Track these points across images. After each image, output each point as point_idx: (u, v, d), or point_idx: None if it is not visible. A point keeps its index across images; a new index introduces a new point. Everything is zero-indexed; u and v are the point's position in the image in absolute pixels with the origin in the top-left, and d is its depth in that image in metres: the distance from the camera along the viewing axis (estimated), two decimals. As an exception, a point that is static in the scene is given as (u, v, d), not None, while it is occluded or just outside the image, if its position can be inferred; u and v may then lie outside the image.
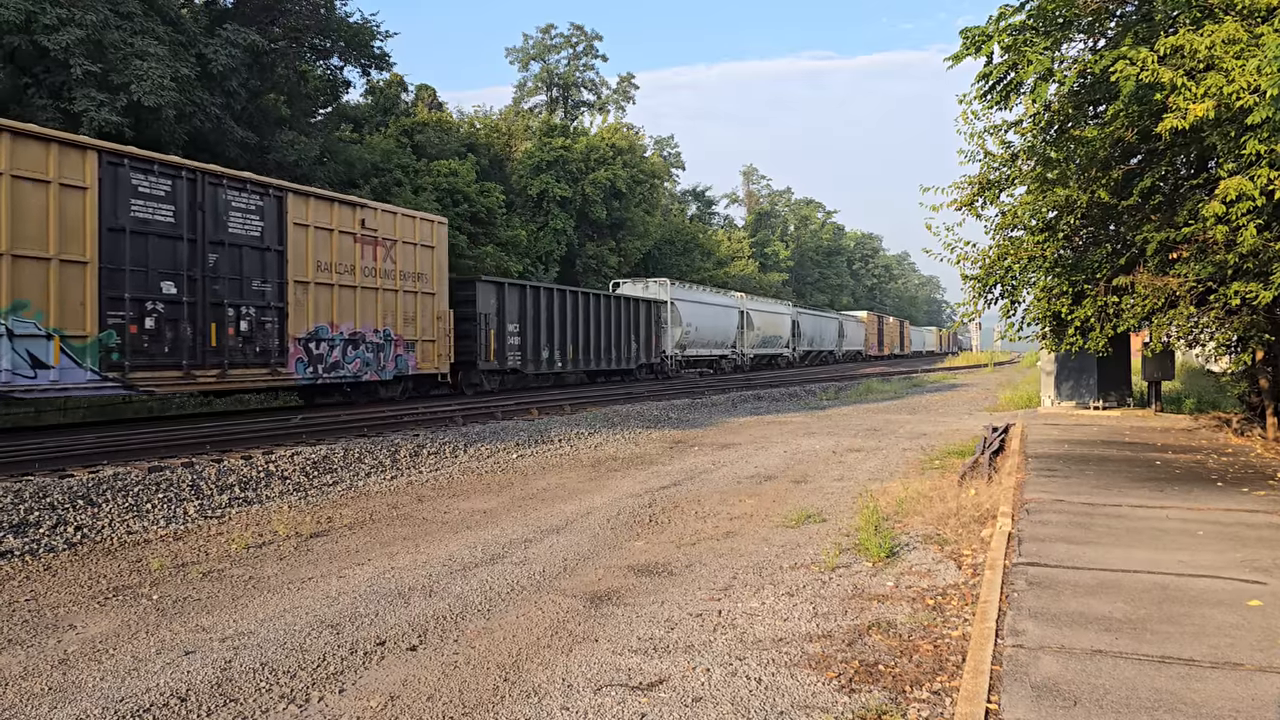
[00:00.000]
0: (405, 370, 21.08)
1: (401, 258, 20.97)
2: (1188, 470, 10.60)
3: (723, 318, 44.11)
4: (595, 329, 31.14)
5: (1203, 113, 7.21)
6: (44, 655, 5.51)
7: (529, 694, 4.81)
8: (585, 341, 30.46)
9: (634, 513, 9.77)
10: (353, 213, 19.57)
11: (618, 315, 33.05)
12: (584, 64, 70.97)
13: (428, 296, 21.99)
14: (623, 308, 33.51)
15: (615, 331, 32.72)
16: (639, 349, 34.76)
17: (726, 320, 44.55)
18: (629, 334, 33.83)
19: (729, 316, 45.03)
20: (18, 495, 9.59)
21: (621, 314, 33.42)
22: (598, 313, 31.50)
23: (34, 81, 23.12)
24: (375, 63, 35.10)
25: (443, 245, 22.84)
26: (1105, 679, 4.33)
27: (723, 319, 44.07)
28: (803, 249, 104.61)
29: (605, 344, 31.97)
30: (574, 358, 29.57)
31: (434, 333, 22.23)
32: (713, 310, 43.20)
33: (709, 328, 42.04)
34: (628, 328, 33.75)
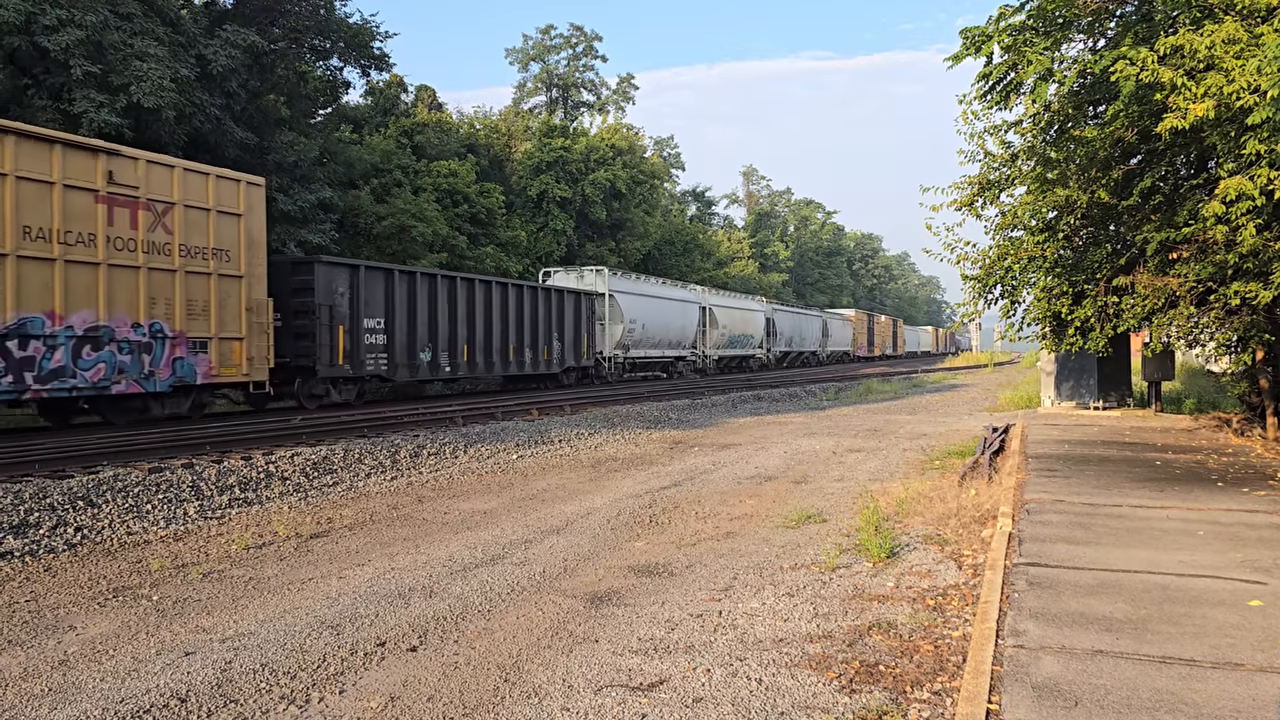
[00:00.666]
0: (191, 378, 16.10)
1: (184, 227, 15.88)
2: (1188, 470, 10.60)
3: (678, 314, 39.15)
4: (504, 326, 26.28)
5: (1203, 113, 7.20)
6: (44, 656, 5.51)
7: (529, 694, 4.80)
8: (489, 341, 25.55)
9: (634, 513, 9.77)
10: (93, 161, 14.48)
11: (535, 309, 27.99)
12: (584, 64, 70.99)
13: (230, 280, 16.90)
14: (541, 301, 28.46)
15: (533, 329, 27.87)
16: (564, 350, 29.72)
17: (683, 317, 39.79)
18: (551, 332, 28.92)
19: (686, 313, 40.22)
20: (17, 496, 9.59)
21: (540, 308, 28.32)
22: (507, 306, 26.48)
23: (34, 82, 23.11)
24: (375, 63, 35.07)
25: (256, 213, 17.64)
26: (1106, 679, 4.33)
27: (678, 315, 39.13)
28: (803, 249, 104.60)
29: (518, 344, 26.93)
30: (471, 361, 24.82)
31: (241, 328, 17.16)
32: (664, 305, 37.73)
33: (660, 325, 37.01)
34: (550, 325, 28.84)
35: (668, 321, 37.88)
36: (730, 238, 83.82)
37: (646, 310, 35.74)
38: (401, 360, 22.10)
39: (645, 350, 35.99)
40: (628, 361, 34.80)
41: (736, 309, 47.14)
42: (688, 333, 40.21)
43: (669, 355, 38.78)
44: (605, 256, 51.06)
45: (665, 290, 39.26)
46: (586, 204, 50.43)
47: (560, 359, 29.50)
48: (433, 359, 23.17)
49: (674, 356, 39.21)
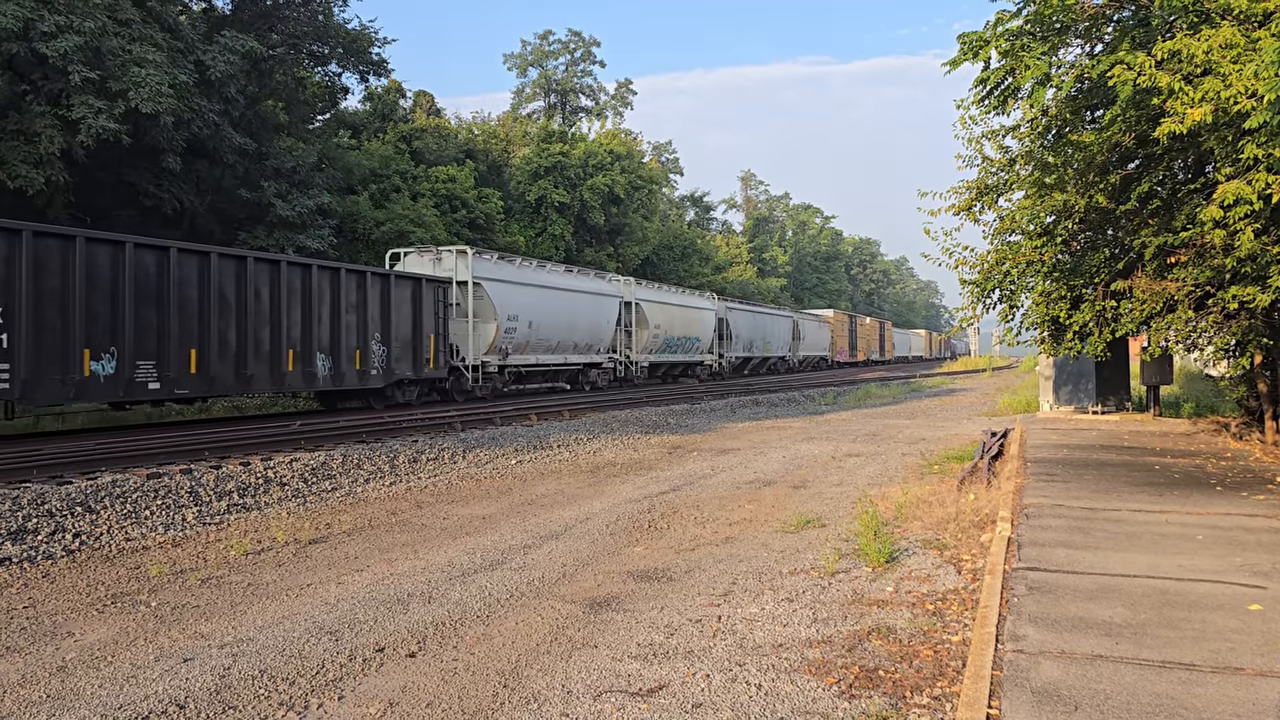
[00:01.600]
0: None
1: None
2: (1187, 475, 10.60)
3: (588, 310, 30.93)
4: (276, 322, 18.22)
5: (1200, 117, 7.21)
6: (42, 662, 5.49)
7: (528, 700, 4.79)
8: (242, 345, 17.53)
9: (633, 518, 9.76)
10: None
11: (337, 300, 19.70)
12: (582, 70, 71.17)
13: None
14: (348, 288, 20.04)
15: (333, 327, 19.60)
16: (391, 356, 21.37)
17: (595, 314, 31.50)
18: (368, 332, 20.55)
19: (599, 309, 31.86)
20: (16, 502, 9.58)
21: (345, 298, 19.92)
22: (280, 296, 18.24)
23: (32, 88, 23.12)
24: (373, 69, 35.14)
25: None
26: (1106, 684, 4.33)
27: (588, 312, 30.91)
28: (801, 254, 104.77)
29: (304, 348, 18.76)
30: (204, 374, 16.77)
31: None
32: (562, 299, 29.22)
33: (559, 324, 28.88)
34: (366, 321, 20.47)
35: (571, 319, 29.61)
36: (729, 242, 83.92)
37: (535, 304, 27.25)
38: (37, 374, 13.98)
39: (537, 356, 28.04)
40: (507, 371, 26.82)
41: (675, 305, 39.06)
42: (602, 334, 32.06)
43: (575, 362, 30.52)
44: (604, 261, 51.15)
45: (566, 279, 31.02)
46: (585, 209, 50.49)
47: (384, 368, 21.16)
48: (117, 372, 15.19)
49: (582, 364, 31.11)
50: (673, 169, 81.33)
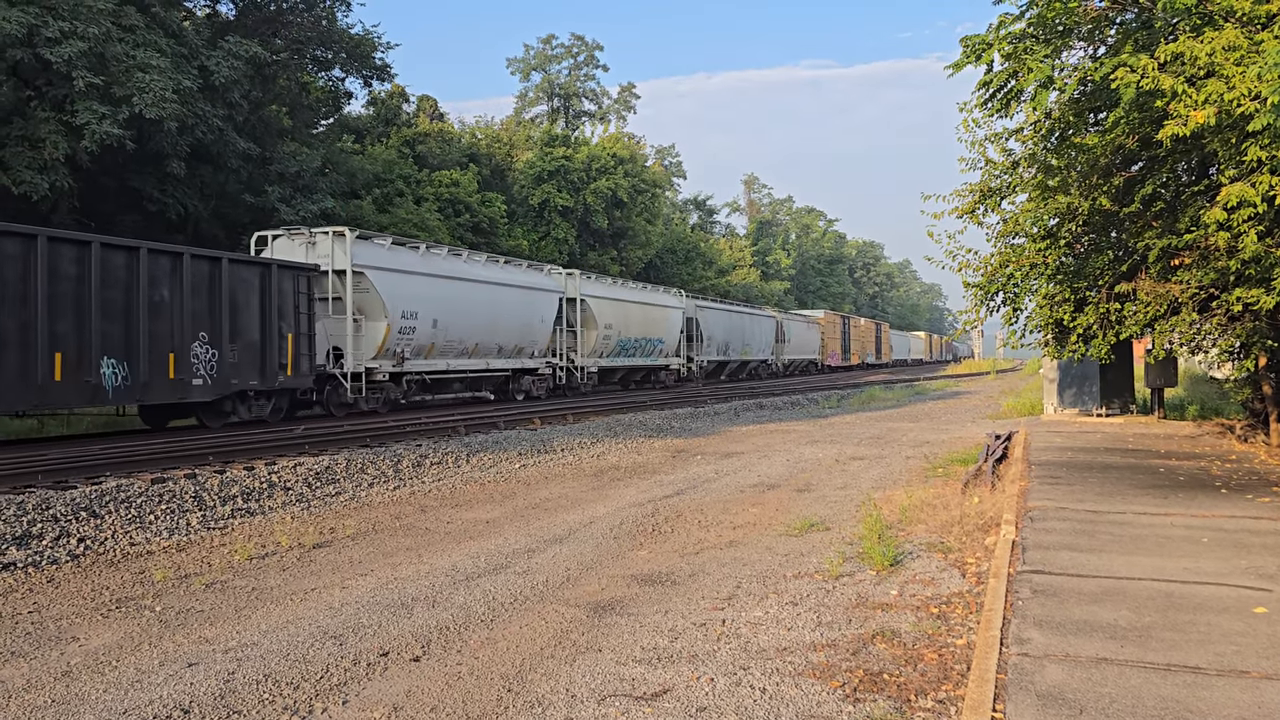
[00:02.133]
0: None
1: None
2: (1191, 477, 10.58)
3: (512, 307, 26.05)
4: (40, 317, 13.76)
5: (1203, 119, 7.20)
6: (47, 667, 5.50)
7: (533, 704, 4.79)
8: None
9: (637, 522, 9.75)
10: None
11: (154, 290, 15.81)
12: (585, 74, 71.29)
13: None
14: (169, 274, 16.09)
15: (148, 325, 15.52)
16: (228, 362, 17.10)
17: (524, 311, 26.69)
18: (198, 330, 16.53)
19: (532, 305, 27.15)
20: (20, 507, 9.60)
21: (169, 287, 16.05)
22: (59, 279, 14.17)
23: (36, 94, 23.19)
24: (377, 74, 35.19)
25: None
26: (1111, 687, 4.32)
27: (512, 309, 26.04)
28: (804, 257, 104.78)
29: (84, 352, 14.44)
30: None
31: None
32: (477, 293, 24.54)
33: (470, 324, 24.05)
34: (194, 319, 16.47)
35: (493, 317, 25.26)
36: (732, 246, 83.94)
37: (440, 298, 22.88)
38: None
39: (448, 361, 23.52)
40: (407, 379, 22.28)
41: (632, 302, 33.90)
42: (535, 334, 27.57)
43: (499, 368, 26.17)
44: (607, 265, 51.21)
45: (486, 270, 25.93)
46: (588, 213, 50.55)
47: (215, 376, 16.90)
48: None
49: (510, 370, 26.87)
50: (676, 173, 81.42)
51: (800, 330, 58.24)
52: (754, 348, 49.15)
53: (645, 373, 37.13)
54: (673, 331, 37.70)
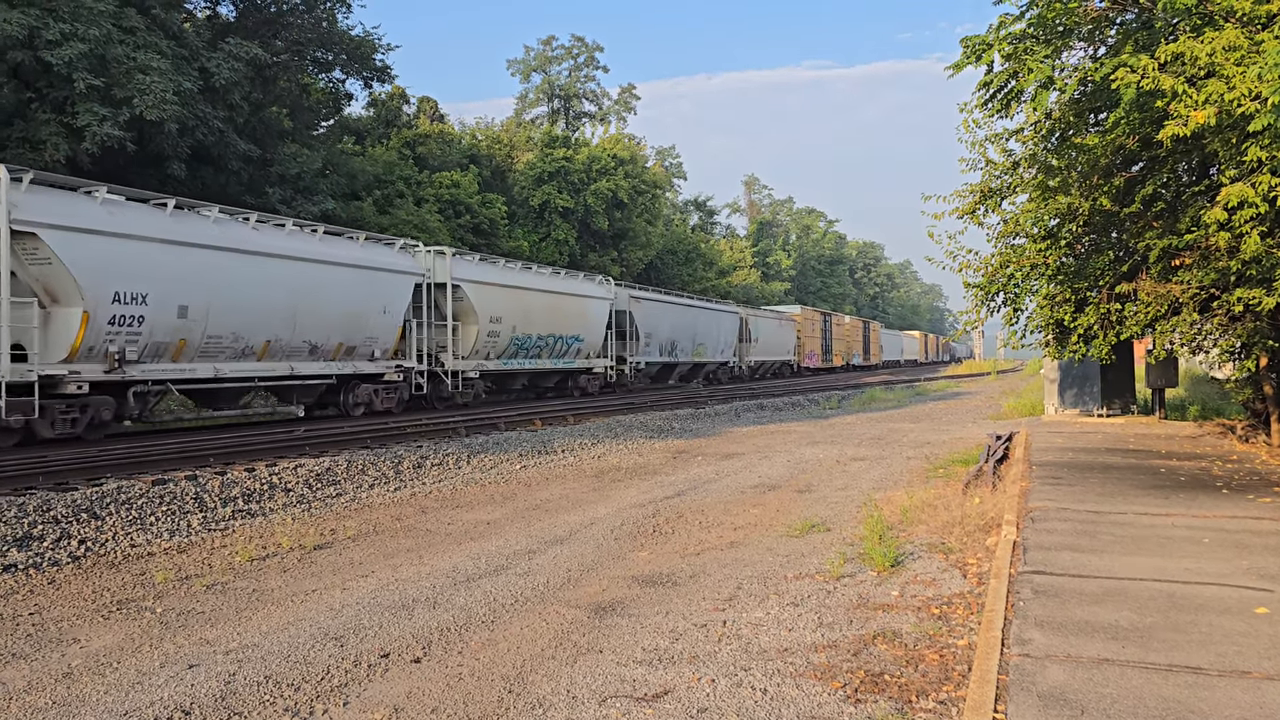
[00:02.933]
0: None
1: None
2: (1192, 477, 10.57)
3: (337, 291, 19.05)
4: None
5: (1204, 119, 7.20)
6: (48, 669, 5.50)
7: (533, 705, 4.79)
8: None
9: (638, 523, 9.75)
10: None
11: None
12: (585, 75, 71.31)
13: None
14: None
15: None
16: None
17: (357, 299, 19.65)
18: None
19: (372, 290, 20.07)
20: (21, 509, 9.60)
21: None
22: None
23: (37, 96, 23.22)
24: (377, 75, 35.24)
25: None
26: (1112, 688, 4.31)
27: (337, 294, 19.04)
28: (805, 258, 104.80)
29: None
30: None
31: None
32: (270, 272, 17.45)
33: (254, 313, 17.17)
34: None
35: (292, 305, 17.89)
36: (732, 246, 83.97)
37: (199, 278, 16.04)
38: None
39: (215, 365, 16.64)
40: (135, 390, 15.36)
41: (532, 290, 26.83)
42: (374, 329, 20.13)
43: (310, 374, 18.77)
44: (608, 266, 51.22)
45: (287, 241, 18.30)
46: (589, 214, 50.56)
47: None
48: None
49: (332, 376, 19.43)
50: (676, 173, 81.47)
51: (770, 328, 51.49)
52: (710, 347, 42.18)
53: (559, 377, 30.12)
54: (595, 327, 30.55)
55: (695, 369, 41.77)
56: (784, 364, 54.14)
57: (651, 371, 37.48)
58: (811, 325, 59.73)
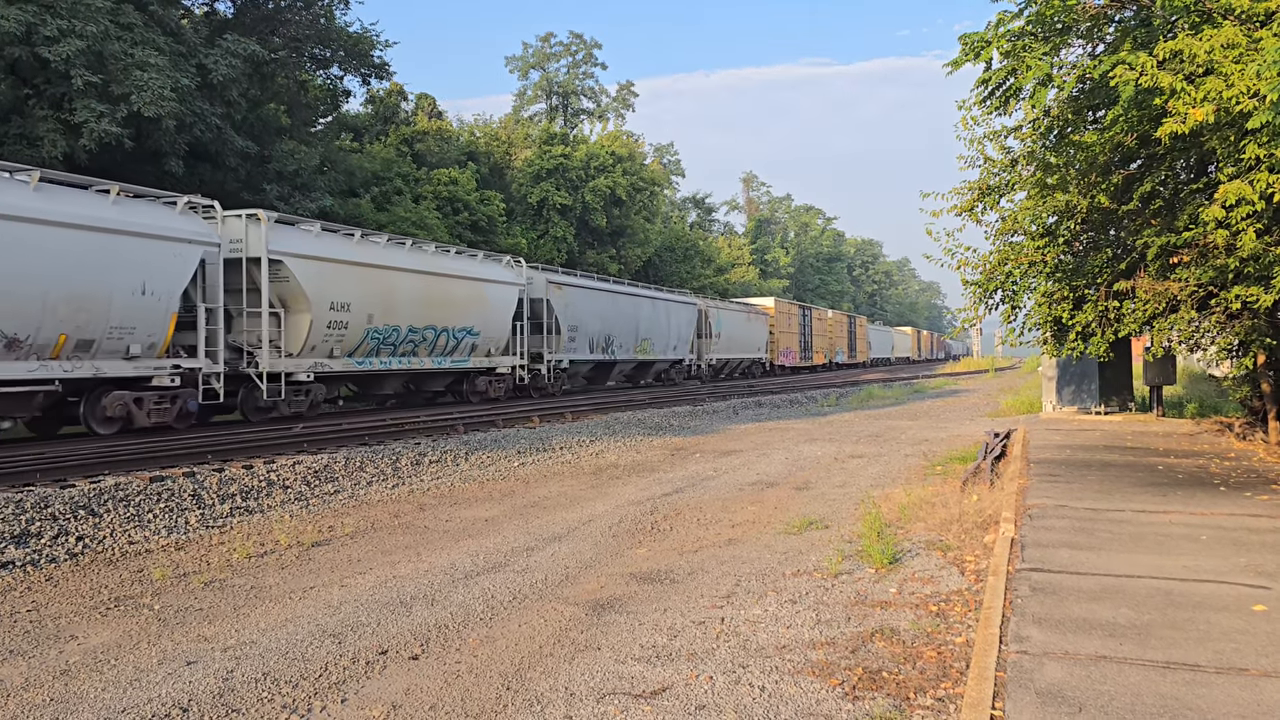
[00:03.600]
0: None
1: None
2: (1190, 475, 10.58)
3: (66, 265, 13.87)
4: None
5: (1202, 117, 7.20)
6: (45, 666, 5.50)
7: (531, 702, 4.79)
8: None
9: (636, 520, 9.75)
10: None
11: None
12: (583, 72, 71.25)
13: None
14: None
15: None
16: None
17: (109, 278, 14.52)
18: None
19: (139, 264, 14.98)
20: (19, 505, 9.59)
21: None
22: None
23: (34, 92, 23.16)
24: (375, 72, 35.15)
25: None
26: (1110, 685, 4.32)
27: (65, 270, 13.85)
28: (803, 255, 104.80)
29: None
30: None
31: None
32: None
33: None
34: None
35: None
36: (731, 244, 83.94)
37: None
38: None
39: None
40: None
41: (405, 272, 21.89)
42: (129, 317, 15.03)
43: None
44: (606, 264, 51.18)
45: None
46: (587, 211, 50.54)
47: None
48: None
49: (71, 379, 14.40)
50: (674, 171, 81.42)
51: (736, 323, 46.08)
52: (659, 343, 36.26)
53: (453, 380, 25.16)
54: (497, 318, 25.14)
55: (641, 368, 36.17)
56: (754, 362, 49.01)
57: (582, 371, 32.34)
58: (787, 319, 54.52)
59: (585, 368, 32.16)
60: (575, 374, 31.68)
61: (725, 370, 46.10)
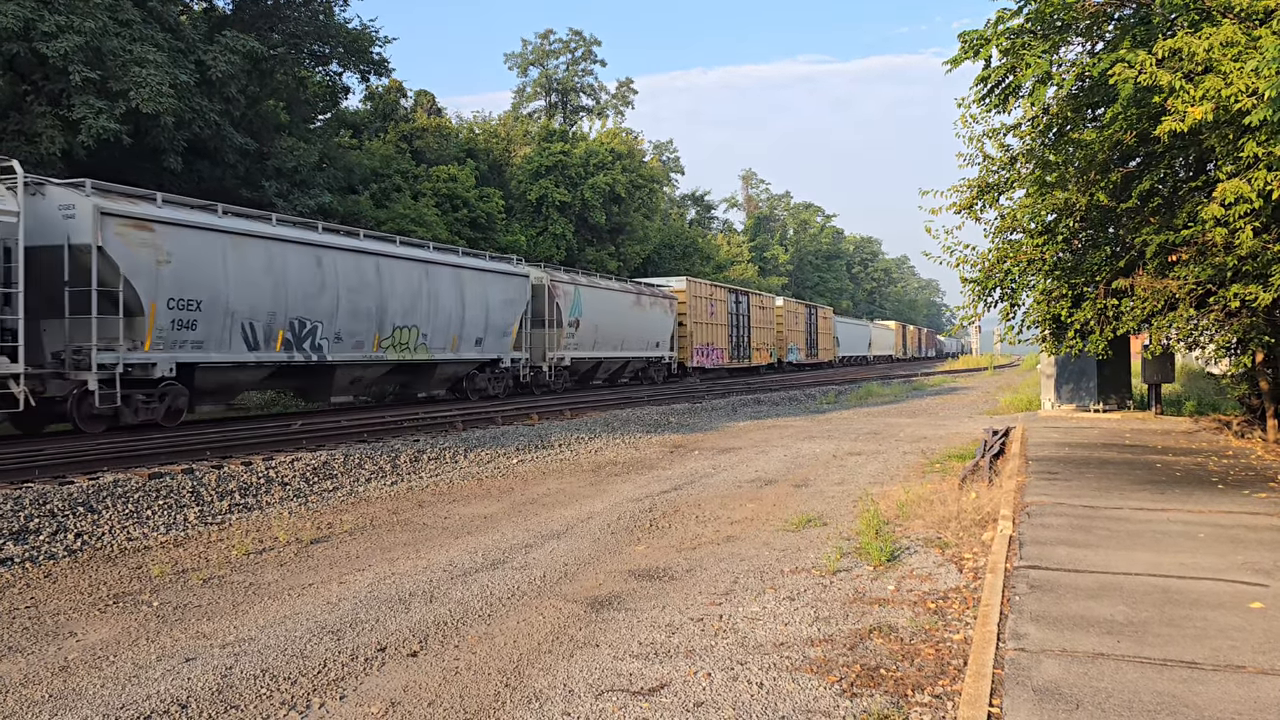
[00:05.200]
0: None
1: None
2: (1188, 473, 10.60)
3: None
4: None
5: (1201, 115, 7.21)
6: (44, 662, 5.50)
7: (530, 699, 4.80)
8: None
9: (634, 517, 9.76)
10: None
11: None
12: (583, 69, 71.08)
13: None
14: None
15: None
16: None
17: None
18: None
19: None
20: (18, 502, 9.59)
21: None
22: None
23: (33, 89, 23.13)
24: (374, 69, 35.12)
25: None
26: (1107, 682, 4.33)
27: None
28: (802, 253, 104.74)
29: None
30: None
31: None
32: None
33: None
34: None
35: None
36: (730, 241, 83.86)
37: None
38: None
39: None
40: None
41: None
42: None
43: None
44: (605, 261, 51.15)
45: None
46: (586, 208, 50.49)
47: None
48: None
49: None
50: (673, 168, 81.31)
51: (618, 309, 32.68)
52: (440, 333, 22.90)
53: None
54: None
55: (417, 373, 23.29)
56: (651, 363, 36.52)
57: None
58: (708, 307, 41.29)
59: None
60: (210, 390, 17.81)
61: (601, 374, 33.83)
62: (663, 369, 37.65)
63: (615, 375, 35.32)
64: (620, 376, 35.77)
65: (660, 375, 37.47)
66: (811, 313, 60.91)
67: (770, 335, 51.04)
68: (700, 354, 40.81)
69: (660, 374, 37.50)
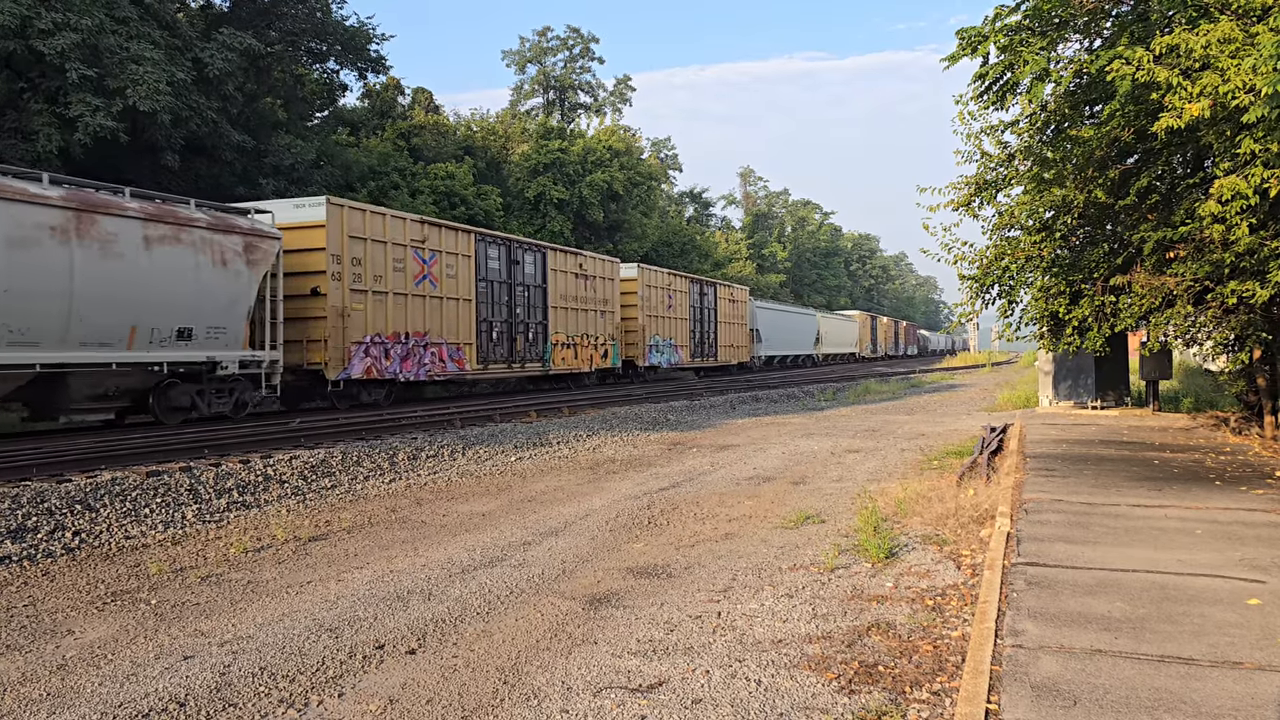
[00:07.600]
0: None
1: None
2: (1186, 469, 10.61)
3: None
4: None
5: (1198, 112, 7.21)
6: (42, 660, 5.50)
7: (528, 697, 4.80)
8: None
9: (632, 515, 9.76)
10: None
11: None
12: (580, 66, 71.00)
13: None
14: None
15: None
16: None
17: None
18: None
19: None
20: (15, 500, 9.58)
21: None
22: None
23: (29, 86, 23.09)
24: (372, 66, 35.08)
25: None
26: (1105, 678, 4.33)
27: None
28: (800, 250, 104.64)
29: None
30: None
31: None
32: None
33: None
34: None
35: None
36: (728, 239, 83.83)
37: None
38: None
39: None
40: None
41: None
42: None
43: None
44: (603, 258, 51.01)
45: None
46: (584, 205, 50.45)
47: None
48: None
49: None
50: (671, 165, 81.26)
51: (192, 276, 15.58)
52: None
53: None
54: None
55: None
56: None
57: None
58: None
59: None
60: None
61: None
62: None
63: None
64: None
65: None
66: (705, 294, 39.89)
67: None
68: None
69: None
